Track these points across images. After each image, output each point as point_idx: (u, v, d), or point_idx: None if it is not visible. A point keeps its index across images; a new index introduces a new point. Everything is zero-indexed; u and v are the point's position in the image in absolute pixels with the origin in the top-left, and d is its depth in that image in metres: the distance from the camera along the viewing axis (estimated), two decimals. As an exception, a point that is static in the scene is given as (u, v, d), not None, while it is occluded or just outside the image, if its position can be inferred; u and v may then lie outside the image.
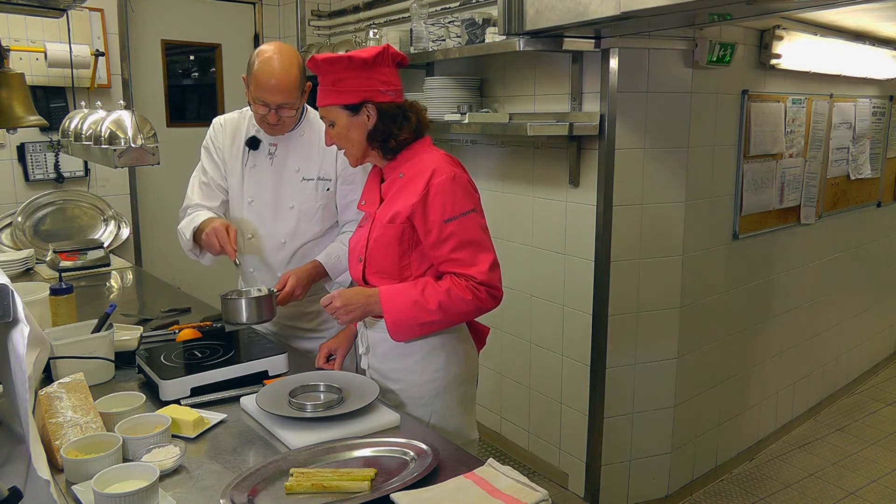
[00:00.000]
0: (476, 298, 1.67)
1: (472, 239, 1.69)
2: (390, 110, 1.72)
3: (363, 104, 1.70)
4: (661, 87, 2.78)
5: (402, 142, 1.75)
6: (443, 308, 1.66)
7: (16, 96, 2.35)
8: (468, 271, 1.68)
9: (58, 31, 3.40)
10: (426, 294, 1.67)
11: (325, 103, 1.73)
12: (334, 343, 1.97)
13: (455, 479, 1.30)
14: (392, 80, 1.73)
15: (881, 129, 4.18)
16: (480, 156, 3.42)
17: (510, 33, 2.58)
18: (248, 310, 1.84)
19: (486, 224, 1.76)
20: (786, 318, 3.58)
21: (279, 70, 1.96)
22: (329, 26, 4.45)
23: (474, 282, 1.68)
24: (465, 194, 1.70)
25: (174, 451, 1.37)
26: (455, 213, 1.67)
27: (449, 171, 1.70)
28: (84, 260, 3.16)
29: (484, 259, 1.69)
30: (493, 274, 1.70)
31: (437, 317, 1.67)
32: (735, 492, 3.21)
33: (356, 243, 1.83)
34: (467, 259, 1.68)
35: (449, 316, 1.69)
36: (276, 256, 2.18)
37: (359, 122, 1.72)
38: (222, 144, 2.21)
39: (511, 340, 3.37)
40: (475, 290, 1.67)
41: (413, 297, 1.67)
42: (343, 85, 1.69)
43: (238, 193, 2.20)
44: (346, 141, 1.76)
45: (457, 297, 1.66)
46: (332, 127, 1.76)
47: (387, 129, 1.72)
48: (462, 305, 1.67)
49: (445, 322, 1.71)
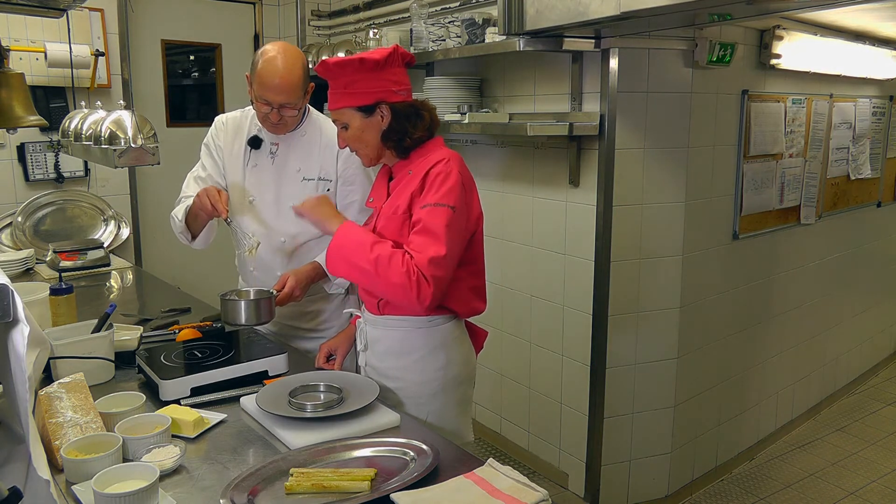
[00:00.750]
0: (407, 276, 1.61)
1: (432, 229, 1.64)
2: (404, 109, 1.73)
3: (377, 105, 1.71)
4: (661, 87, 2.78)
5: (416, 140, 1.75)
6: (377, 263, 1.63)
7: (16, 96, 2.35)
8: (414, 253, 1.64)
9: (58, 31, 3.40)
10: (375, 247, 1.65)
11: (338, 106, 1.73)
12: (334, 343, 1.97)
13: (455, 479, 1.30)
14: (403, 79, 1.74)
15: (881, 129, 4.18)
16: (480, 156, 3.42)
17: (510, 33, 2.58)
18: (247, 311, 1.84)
19: (462, 230, 1.71)
20: (786, 318, 3.58)
21: (283, 69, 1.96)
22: (329, 26, 4.45)
23: (414, 263, 1.63)
24: (452, 191, 1.68)
25: (174, 451, 1.38)
26: (432, 201, 1.67)
27: (448, 166, 1.70)
28: (84, 260, 3.16)
29: (430, 251, 1.62)
30: (431, 267, 1.62)
31: (369, 267, 1.64)
32: (735, 492, 3.21)
33: None
34: (418, 245, 1.64)
35: (378, 276, 1.63)
36: (276, 255, 2.18)
37: (373, 123, 1.73)
38: (223, 143, 2.21)
39: (511, 340, 3.37)
40: (410, 269, 1.62)
41: (363, 240, 1.67)
42: (356, 87, 1.69)
43: (239, 192, 2.20)
44: (361, 142, 1.76)
45: (395, 264, 1.62)
46: (345, 129, 1.76)
47: (401, 127, 1.73)
48: (394, 275, 1.61)
49: (373, 281, 1.66)
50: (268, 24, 4.55)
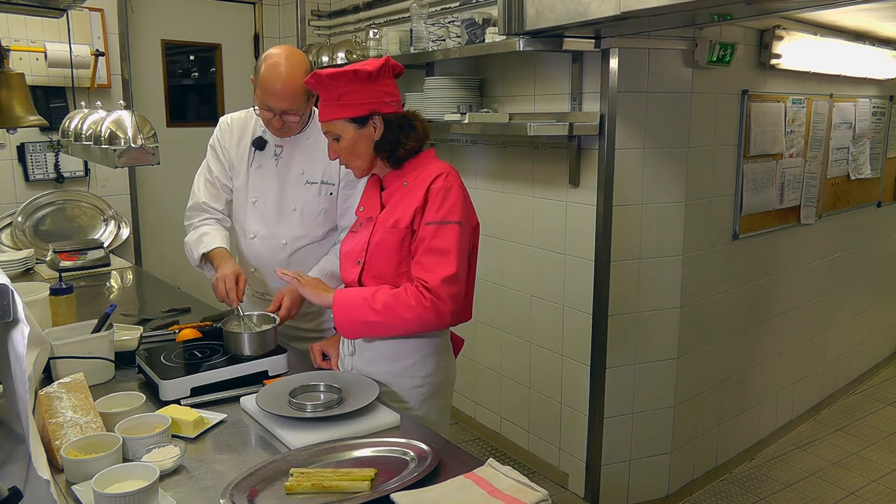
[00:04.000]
0: (419, 305, 1.65)
1: (441, 248, 1.68)
2: (396, 120, 1.74)
3: (370, 116, 1.71)
4: (661, 87, 2.78)
5: (409, 150, 1.76)
6: (388, 309, 1.66)
7: (16, 96, 2.35)
8: (424, 276, 1.67)
9: (58, 31, 3.40)
10: (376, 295, 1.68)
11: (330, 118, 1.73)
12: (326, 344, 1.98)
13: (455, 479, 1.30)
14: (394, 91, 1.75)
15: (881, 129, 4.18)
16: (480, 156, 3.42)
17: (510, 33, 2.58)
18: (251, 343, 1.83)
19: (469, 244, 1.75)
20: (786, 318, 3.58)
21: (285, 76, 1.96)
22: (329, 26, 4.45)
23: (423, 286, 1.66)
24: (455, 206, 1.70)
25: (174, 451, 1.38)
26: (438, 218, 1.68)
27: (448, 181, 1.72)
28: (84, 260, 3.16)
29: (443, 270, 1.66)
30: (445, 286, 1.65)
31: (381, 317, 1.67)
32: (735, 492, 3.21)
33: (353, 247, 1.83)
34: (428, 265, 1.68)
35: (391, 319, 1.67)
36: (277, 256, 2.19)
37: (366, 135, 1.73)
38: (228, 144, 2.22)
39: (511, 340, 3.37)
40: (421, 295, 1.65)
41: (363, 295, 1.70)
42: (348, 98, 1.69)
43: (242, 193, 2.21)
44: (353, 154, 1.76)
45: (403, 302, 1.66)
46: (336, 141, 1.75)
47: (394, 138, 1.74)
48: (406, 311, 1.65)
49: (389, 325, 1.69)
50: (268, 24, 4.56)
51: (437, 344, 1.81)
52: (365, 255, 1.78)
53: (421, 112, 1.86)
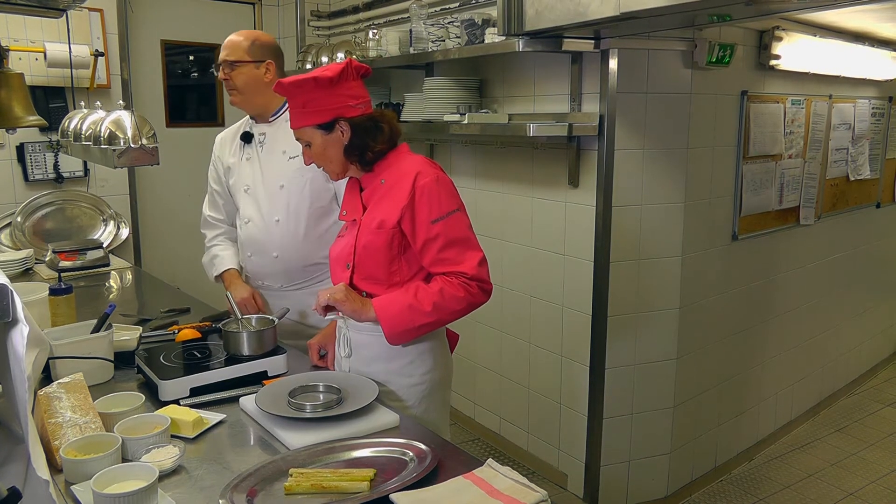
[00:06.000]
0: (468, 294, 1.71)
1: (458, 237, 1.73)
2: (363, 123, 1.75)
3: (335, 121, 1.73)
4: (660, 88, 2.78)
5: (378, 153, 1.78)
6: (437, 308, 1.69)
7: (15, 96, 2.35)
8: (458, 268, 1.71)
9: (57, 31, 3.40)
10: (419, 297, 1.69)
11: (298, 125, 1.77)
12: (322, 339, 1.99)
13: (454, 479, 1.30)
14: (359, 93, 1.76)
15: (880, 129, 4.19)
16: (480, 156, 3.42)
17: (510, 34, 2.58)
18: (249, 342, 1.83)
19: (470, 223, 1.80)
20: (785, 318, 3.58)
21: (233, 35, 2.25)
22: (329, 27, 4.45)
23: (465, 277, 1.71)
24: (449, 195, 1.74)
25: (173, 451, 1.38)
26: (441, 213, 1.71)
27: (432, 174, 1.74)
28: (83, 260, 3.16)
29: (472, 256, 1.73)
30: (482, 269, 1.74)
31: (433, 318, 1.70)
32: (734, 492, 3.21)
33: (340, 251, 1.84)
34: (455, 257, 1.72)
35: (444, 315, 1.71)
36: (271, 237, 2.25)
37: (334, 139, 1.75)
38: (221, 153, 2.40)
39: (510, 341, 3.37)
40: (467, 285, 1.71)
41: (407, 302, 1.70)
42: (313, 105, 1.72)
43: (238, 186, 2.34)
44: (325, 159, 1.78)
45: (450, 296, 1.70)
46: (308, 147, 1.79)
47: (362, 142, 1.75)
48: (455, 303, 1.70)
49: (441, 322, 1.74)
50: (267, 24, 4.56)
51: (434, 341, 1.82)
52: (353, 259, 1.78)
53: (420, 112, 1.87)
